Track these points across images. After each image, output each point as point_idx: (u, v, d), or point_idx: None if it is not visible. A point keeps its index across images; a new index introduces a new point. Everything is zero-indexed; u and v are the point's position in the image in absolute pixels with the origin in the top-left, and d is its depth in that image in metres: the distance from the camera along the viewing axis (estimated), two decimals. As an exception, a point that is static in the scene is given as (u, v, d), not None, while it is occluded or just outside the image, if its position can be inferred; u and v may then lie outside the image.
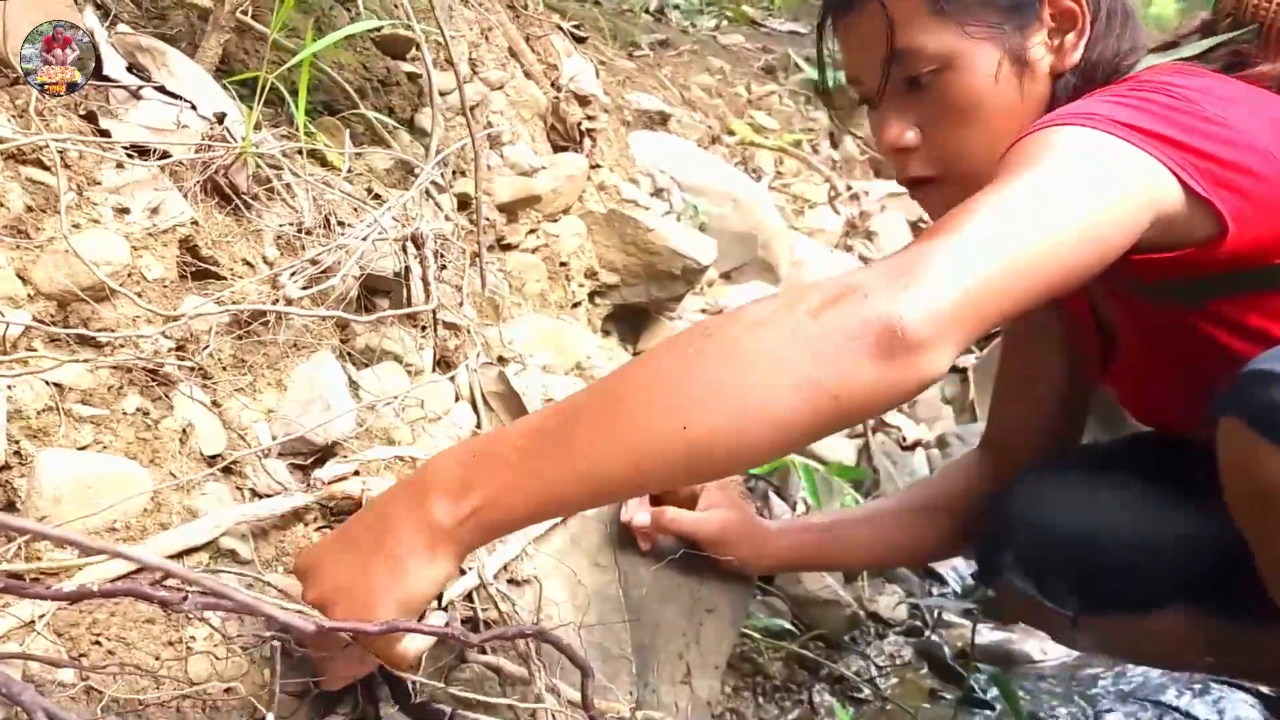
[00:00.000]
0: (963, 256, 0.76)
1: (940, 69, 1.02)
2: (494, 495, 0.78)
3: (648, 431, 0.74)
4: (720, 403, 0.73)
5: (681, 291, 2.04)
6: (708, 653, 1.23)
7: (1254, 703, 1.46)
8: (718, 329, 0.77)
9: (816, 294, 0.75)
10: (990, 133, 1.03)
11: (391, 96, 1.69)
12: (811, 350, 0.72)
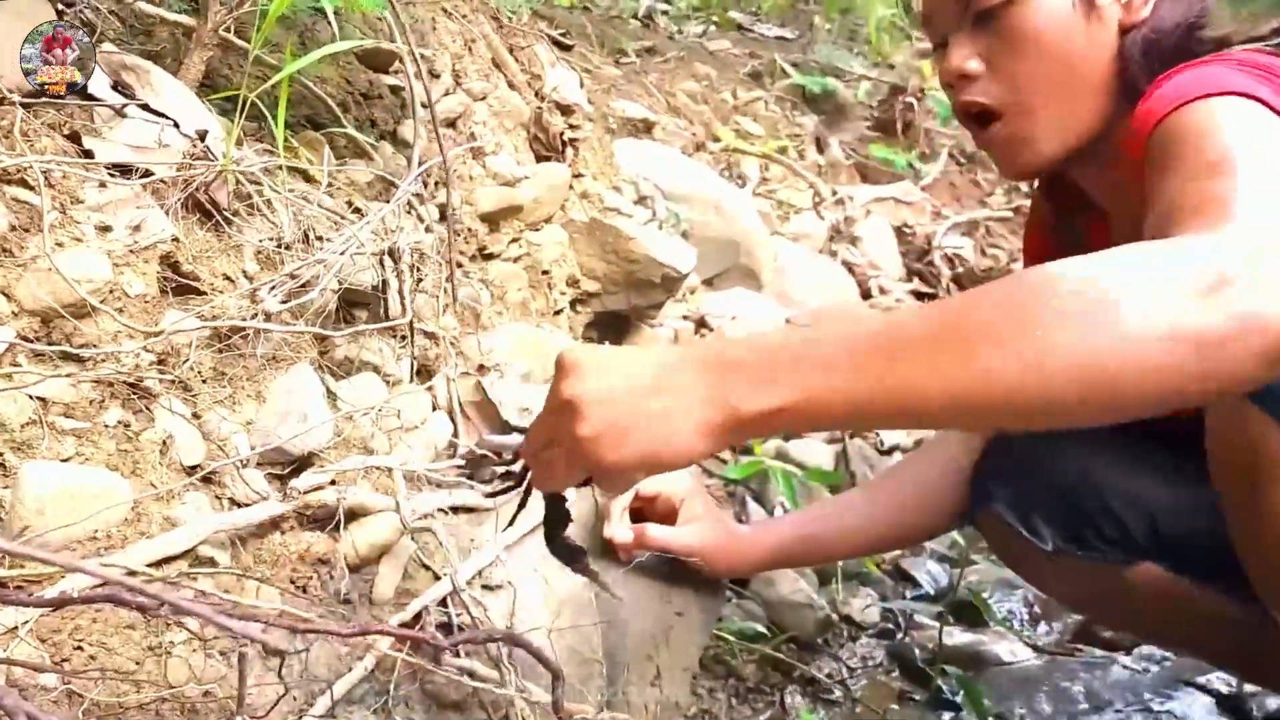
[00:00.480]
0: None
1: (1011, 2, 1.04)
2: (809, 394, 0.71)
3: (1060, 345, 0.67)
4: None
5: (661, 299, 2.07)
6: (678, 656, 1.26)
7: (1210, 704, 1.50)
8: (1096, 284, 0.69)
9: (1196, 275, 0.67)
10: (1054, 70, 1.05)
11: (374, 109, 1.72)
12: (1196, 333, 0.66)
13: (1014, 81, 1.06)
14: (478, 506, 1.25)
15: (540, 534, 1.25)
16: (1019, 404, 0.68)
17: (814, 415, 0.72)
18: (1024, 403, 0.68)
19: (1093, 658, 1.63)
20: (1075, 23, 1.04)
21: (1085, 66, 1.05)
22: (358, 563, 1.09)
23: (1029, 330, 0.67)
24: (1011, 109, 1.07)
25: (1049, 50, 1.04)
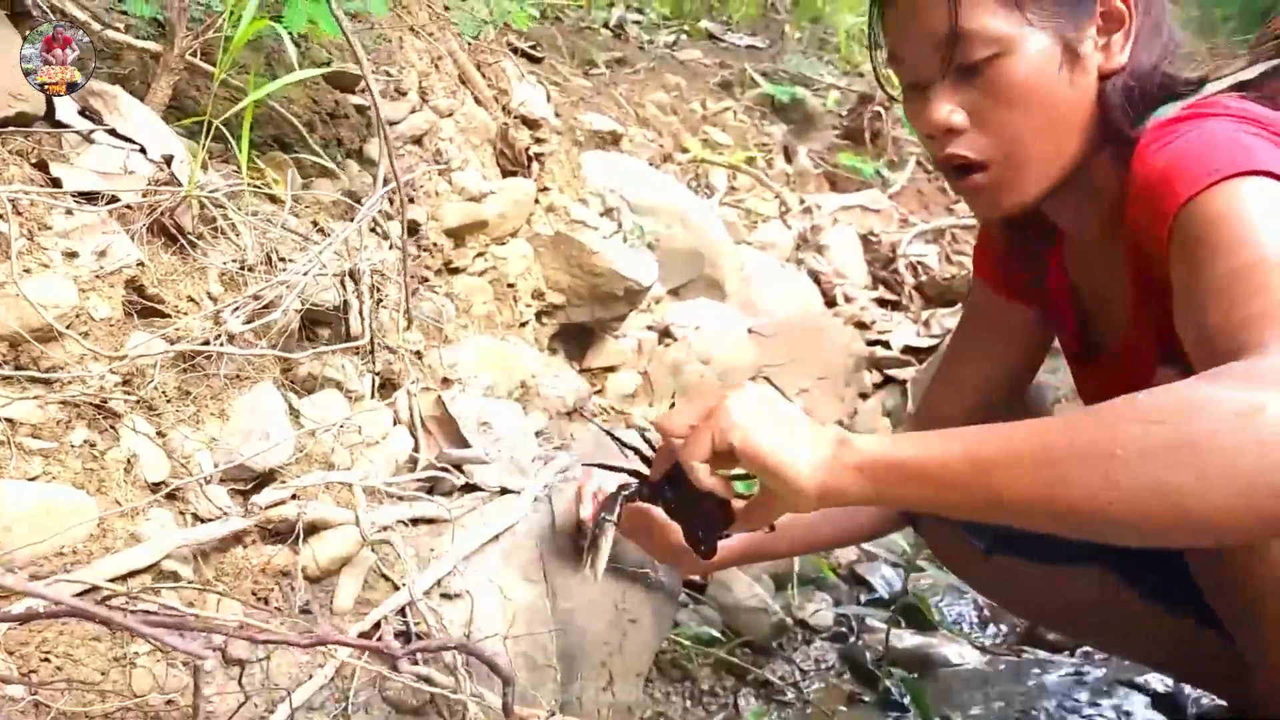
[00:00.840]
0: None
1: (998, 54, 1.02)
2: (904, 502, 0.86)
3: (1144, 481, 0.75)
4: (1173, 500, 0.75)
5: (624, 311, 2.12)
6: (631, 661, 1.31)
7: (1147, 702, 1.55)
8: (1186, 424, 0.75)
9: (1252, 406, 0.73)
10: (1041, 122, 1.04)
11: (340, 128, 1.76)
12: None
13: (1001, 135, 1.05)
14: (438, 518, 1.30)
15: (497, 544, 1.30)
16: (1101, 524, 0.77)
17: (926, 477, 0.83)
18: (1106, 523, 0.76)
19: (1037, 659, 1.69)
20: (1062, 73, 1.04)
21: (1070, 115, 1.05)
22: (319, 574, 1.13)
23: (1145, 470, 0.74)
24: (997, 161, 1.07)
25: (1036, 103, 1.04)
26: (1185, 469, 0.73)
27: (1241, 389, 0.73)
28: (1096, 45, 1.05)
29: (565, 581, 1.32)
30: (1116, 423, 0.77)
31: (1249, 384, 0.73)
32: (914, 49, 1.06)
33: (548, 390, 1.89)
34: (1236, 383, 0.74)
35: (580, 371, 2.16)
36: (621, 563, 1.34)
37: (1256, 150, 0.94)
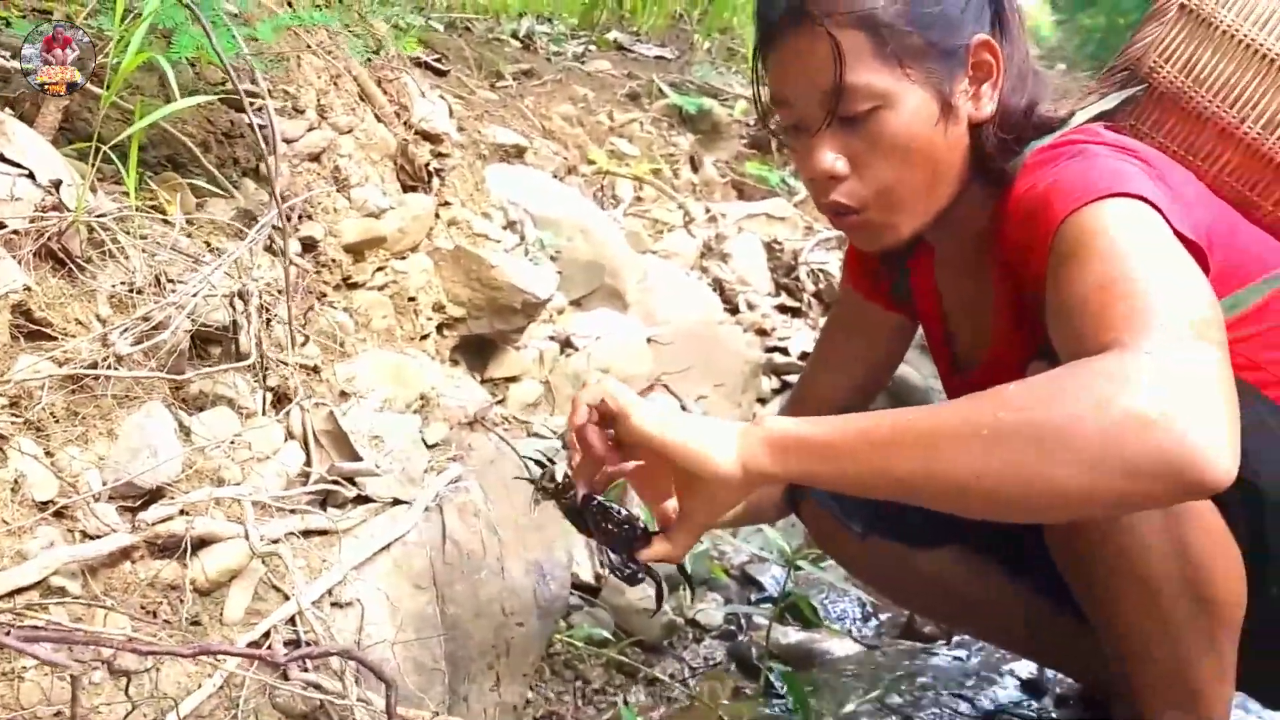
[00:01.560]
0: (1223, 379, 0.84)
1: (879, 107, 1.07)
2: (811, 476, 0.94)
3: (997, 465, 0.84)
4: (1027, 474, 0.83)
5: (523, 324, 2.18)
6: (517, 663, 1.37)
7: (1016, 685, 1.66)
8: (1049, 408, 0.84)
9: (1131, 408, 0.80)
10: (918, 171, 1.11)
11: (236, 148, 1.79)
12: (1123, 463, 0.80)
13: (879, 182, 1.11)
14: (329, 529, 1.34)
15: (388, 553, 1.35)
16: (969, 498, 0.87)
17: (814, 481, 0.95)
18: (973, 497, 0.87)
19: (914, 649, 1.78)
20: (937, 124, 1.09)
21: (944, 162, 1.12)
22: (208, 587, 1.17)
23: (1008, 449, 0.84)
24: (875, 205, 1.13)
25: (913, 154, 1.10)
26: (1039, 449, 0.82)
27: (1100, 381, 0.82)
28: (968, 96, 1.13)
29: (452, 588, 1.37)
30: (989, 407, 0.86)
31: (1108, 378, 0.82)
32: (799, 96, 1.11)
33: (449, 401, 1.93)
34: (1096, 376, 0.83)
35: (482, 382, 2.20)
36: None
37: (1128, 174, 1.04)
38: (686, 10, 5.22)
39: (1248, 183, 1.29)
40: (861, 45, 1.06)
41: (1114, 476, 0.81)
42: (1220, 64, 1.30)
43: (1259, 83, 1.29)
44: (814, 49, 1.07)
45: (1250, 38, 1.29)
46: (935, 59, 1.09)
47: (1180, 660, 1.07)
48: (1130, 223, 0.98)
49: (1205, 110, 1.29)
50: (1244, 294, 1.10)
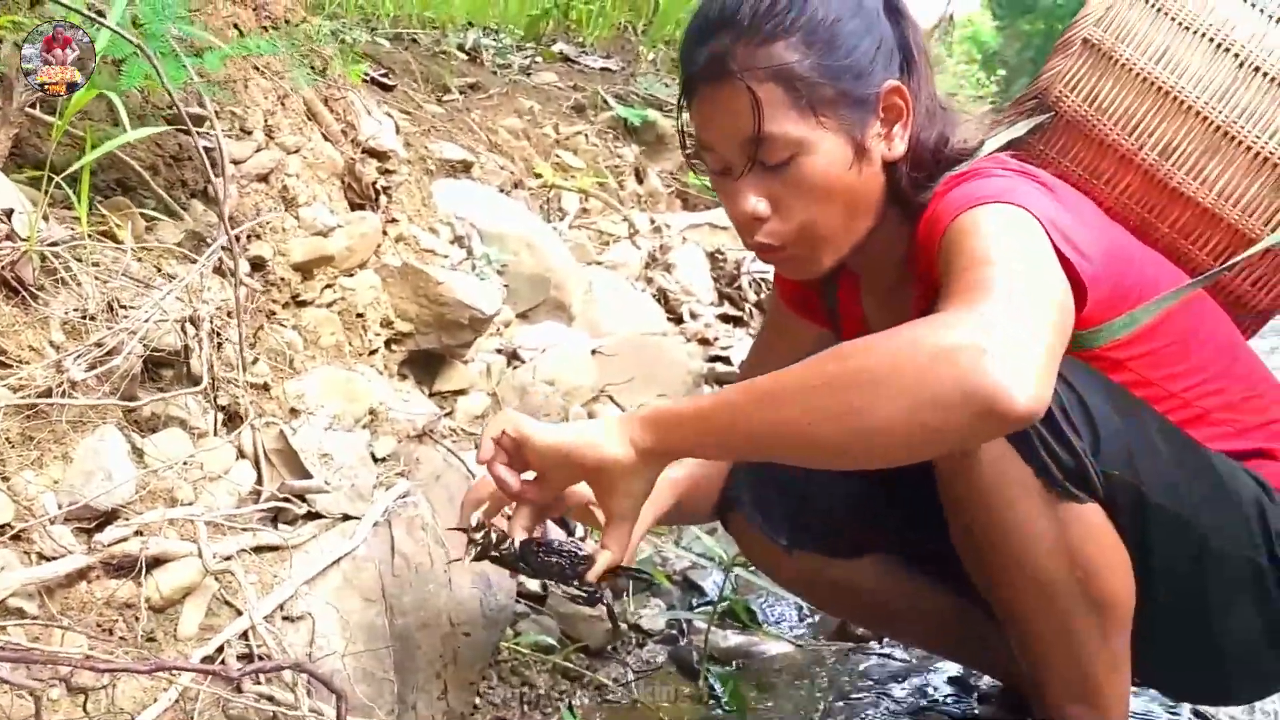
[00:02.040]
0: (1041, 334, 0.94)
1: (797, 154, 1.15)
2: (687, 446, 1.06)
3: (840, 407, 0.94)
4: (851, 415, 0.94)
5: (470, 338, 2.23)
6: (464, 671, 1.43)
7: (942, 681, 1.74)
8: (871, 355, 0.95)
9: (941, 343, 0.91)
10: (836, 210, 1.19)
11: (184, 170, 1.82)
12: (932, 395, 0.90)
13: (800, 222, 1.19)
14: (280, 546, 1.39)
15: (338, 568, 1.40)
16: (813, 447, 0.98)
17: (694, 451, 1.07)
18: (814, 445, 0.97)
19: (847, 650, 1.86)
20: (852, 167, 1.18)
21: (860, 201, 1.21)
22: (163, 604, 1.21)
23: (834, 395, 0.94)
24: (797, 243, 1.21)
25: (831, 195, 1.18)
26: (860, 391, 0.92)
27: (922, 328, 0.93)
28: (880, 138, 1.21)
29: (403, 600, 1.42)
30: (826, 359, 0.97)
31: (929, 325, 0.93)
32: (721, 144, 1.19)
33: (397, 415, 1.98)
34: (919, 325, 0.93)
35: (430, 395, 2.25)
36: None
37: (1018, 190, 1.12)
38: (631, 21, 5.29)
39: (1145, 205, 1.39)
40: (778, 98, 1.14)
41: (925, 409, 0.90)
42: (1120, 95, 1.40)
43: (1154, 113, 1.39)
44: (734, 101, 1.14)
45: (1147, 71, 1.39)
46: (848, 107, 1.17)
47: (1077, 657, 1.15)
48: (1003, 221, 1.07)
49: (1107, 137, 1.39)
50: (1139, 312, 1.19)
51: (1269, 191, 1.36)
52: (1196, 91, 1.38)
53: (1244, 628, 1.18)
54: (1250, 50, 1.38)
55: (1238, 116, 1.37)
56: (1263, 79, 1.38)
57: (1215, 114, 1.37)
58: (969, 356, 0.88)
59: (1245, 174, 1.36)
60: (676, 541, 2.15)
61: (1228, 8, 1.42)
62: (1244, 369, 1.32)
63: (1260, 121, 1.36)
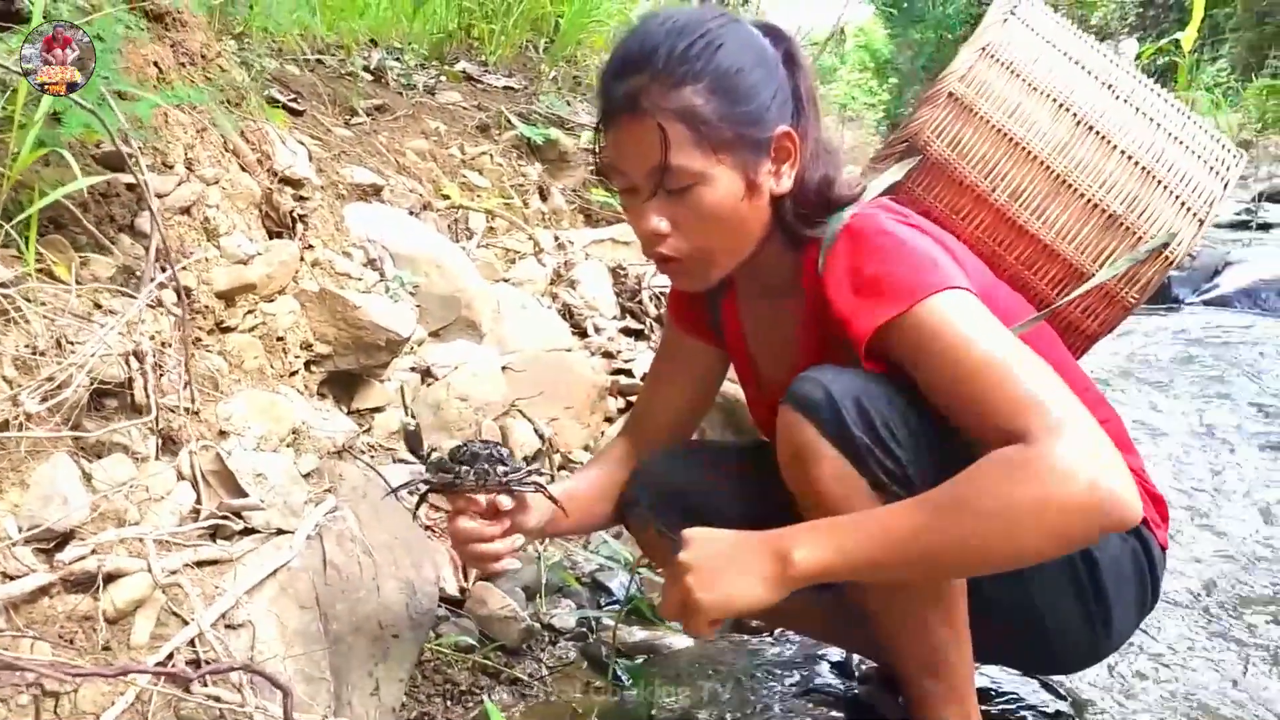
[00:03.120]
0: (1089, 427, 1.15)
1: (696, 184, 1.32)
2: (845, 555, 1.20)
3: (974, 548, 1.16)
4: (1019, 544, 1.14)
5: (387, 359, 2.35)
6: (393, 669, 1.56)
7: (827, 668, 1.93)
8: (1021, 495, 1.13)
9: (1042, 479, 1.12)
10: (726, 235, 1.38)
11: (113, 206, 1.92)
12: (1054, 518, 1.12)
13: (694, 241, 1.38)
14: (220, 559, 1.50)
15: (274, 578, 1.52)
16: (971, 567, 1.24)
17: (848, 571, 1.20)
18: (970, 566, 1.23)
19: (743, 642, 2.04)
20: (744, 198, 1.36)
21: (747, 228, 1.40)
22: (116, 616, 1.33)
23: (979, 528, 1.14)
24: (692, 257, 1.40)
25: (724, 222, 1.37)
26: (1014, 531, 1.13)
27: (1042, 477, 1.12)
28: (770, 174, 1.40)
29: (335, 607, 1.55)
30: (956, 506, 1.16)
31: (1048, 473, 1.12)
32: (631, 169, 1.36)
33: (318, 433, 2.10)
34: (1035, 473, 1.12)
35: (349, 413, 2.37)
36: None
37: (942, 268, 1.31)
38: (533, 40, 5.43)
39: (996, 239, 1.60)
40: (683, 134, 1.31)
41: (1072, 543, 1.15)
42: (978, 143, 1.61)
43: (1006, 160, 1.61)
44: (645, 134, 1.31)
45: (1001, 124, 1.60)
46: (744, 148, 1.36)
47: (924, 638, 1.35)
48: (965, 314, 1.27)
49: (966, 179, 1.60)
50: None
51: (1097, 233, 1.60)
52: (1041, 144, 1.60)
53: (1063, 611, 1.39)
54: (1086, 111, 1.62)
55: (1074, 167, 1.60)
56: (1095, 136, 1.61)
57: (1055, 164, 1.60)
58: (1103, 509, 1.11)
59: (1078, 217, 1.59)
60: (585, 545, 2.30)
61: (1070, 74, 1.65)
62: (1072, 384, 1.54)
63: (1092, 173, 1.60)
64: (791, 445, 1.33)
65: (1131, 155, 1.60)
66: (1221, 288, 5.18)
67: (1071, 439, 1.12)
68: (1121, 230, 1.59)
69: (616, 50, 1.39)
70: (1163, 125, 1.64)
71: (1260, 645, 1.94)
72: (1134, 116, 1.63)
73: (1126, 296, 1.61)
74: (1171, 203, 1.60)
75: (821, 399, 1.29)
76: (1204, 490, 2.77)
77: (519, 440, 2.47)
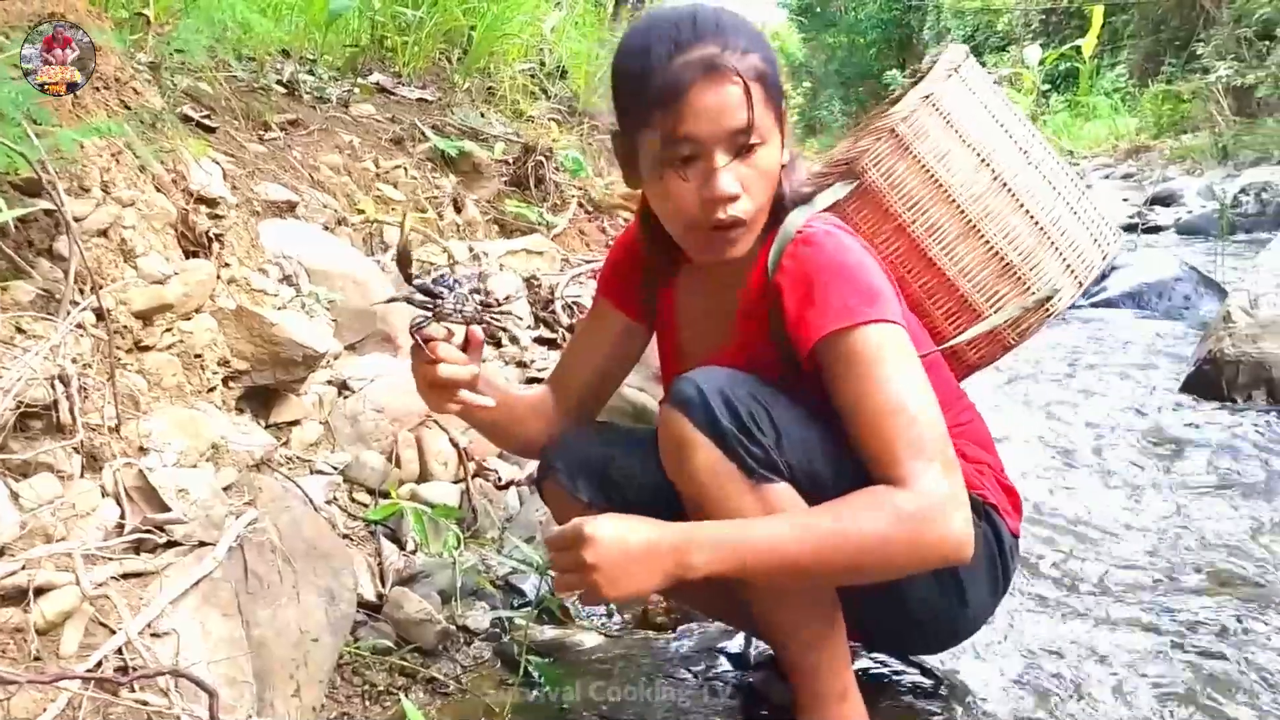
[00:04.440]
0: (955, 480, 1.39)
1: (760, 143, 1.45)
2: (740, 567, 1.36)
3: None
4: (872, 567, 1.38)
5: (304, 374, 2.43)
6: (314, 671, 1.65)
7: (725, 661, 2.06)
8: (878, 532, 1.35)
9: (914, 526, 1.35)
10: (769, 198, 1.51)
11: (31, 231, 1.97)
12: (920, 561, 1.38)
13: (757, 201, 1.49)
14: (145, 572, 1.58)
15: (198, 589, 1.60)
16: (844, 581, 1.47)
17: (737, 576, 1.36)
18: (835, 575, 1.44)
19: (648, 638, 2.16)
20: (779, 164, 1.51)
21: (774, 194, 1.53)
22: (46, 628, 1.40)
23: (859, 560, 1.36)
24: (753, 220, 1.50)
25: (773, 183, 1.51)
26: (870, 553, 1.35)
27: (899, 526, 1.35)
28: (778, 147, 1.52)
29: (257, 614, 1.64)
30: (841, 538, 1.35)
31: (902, 522, 1.35)
32: (708, 132, 1.42)
33: (236, 447, 2.17)
34: (896, 520, 1.35)
35: (267, 427, 2.44)
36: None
37: (882, 297, 1.48)
38: (446, 52, 5.50)
39: (906, 267, 1.78)
40: (760, 94, 1.45)
41: (911, 567, 1.40)
42: (908, 178, 1.77)
43: (930, 199, 1.78)
44: (725, 94, 1.42)
45: (931, 166, 1.76)
46: (780, 117, 1.51)
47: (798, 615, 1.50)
48: (894, 352, 1.44)
49: (892, 208, 1.76)
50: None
51: (994, 279, 1.81)
52: (961, 190, 1.80)
53: (921, 589, 1.55)
54: (1003, 170, 1.82)
55: (985, 216, 1.80)
56: (1007, 193, 1.82)
57: (970, 210, 1.80)
58: (948, 551, 1.37)
59: (980, 261, 1.80)
60: (499, 550, 2.41)
61: (995, 135, 1.85)
62: (959, 402, 1.75)
63: (999, 223, 1.80)
64: (671, 440, 1.49)
65: (1034, 215, 1.80)
66: (1109, 290, 5.46)
67: (941, 498, 1.36)
68: (1014, 279, 1.79)
69: (657, 34, 1.45)
70: (1062, 195, 1.84)
71: (1122, 621, 2.13)
72: (1041, 182, 1.83)
73: (1008, 337, 1.82)
74: (1059, 262, 1.81)
75: (694, 395, 1.46)
76: (1062, 473, 2.98)
77: (435, 449, 2.56)
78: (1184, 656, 1.98)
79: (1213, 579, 2.32)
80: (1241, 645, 2.01)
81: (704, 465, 1.46)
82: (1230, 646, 2.01)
